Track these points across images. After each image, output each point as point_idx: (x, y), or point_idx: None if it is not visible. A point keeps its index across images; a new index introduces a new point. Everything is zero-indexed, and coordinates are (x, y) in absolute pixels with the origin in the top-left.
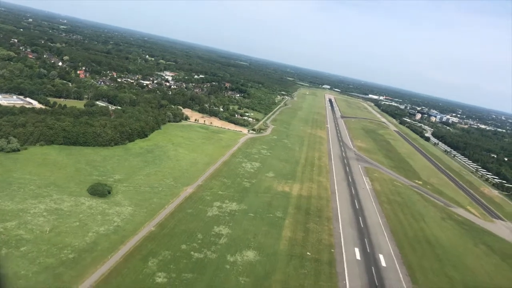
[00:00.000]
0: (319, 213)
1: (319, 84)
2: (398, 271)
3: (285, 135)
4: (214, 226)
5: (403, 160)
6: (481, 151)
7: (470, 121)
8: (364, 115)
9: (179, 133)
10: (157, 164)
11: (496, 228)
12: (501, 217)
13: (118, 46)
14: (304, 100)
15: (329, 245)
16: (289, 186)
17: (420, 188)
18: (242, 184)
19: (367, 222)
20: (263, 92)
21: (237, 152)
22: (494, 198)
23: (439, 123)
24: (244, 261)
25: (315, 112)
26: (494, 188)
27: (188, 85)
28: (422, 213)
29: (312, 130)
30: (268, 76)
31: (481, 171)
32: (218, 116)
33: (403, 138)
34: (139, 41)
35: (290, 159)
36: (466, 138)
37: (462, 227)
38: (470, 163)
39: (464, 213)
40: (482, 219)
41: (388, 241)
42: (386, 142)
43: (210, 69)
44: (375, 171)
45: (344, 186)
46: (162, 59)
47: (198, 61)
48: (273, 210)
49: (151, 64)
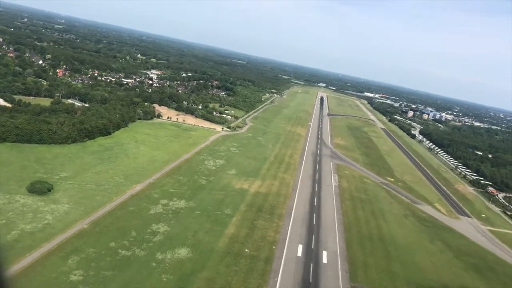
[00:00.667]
0: (272, 210)
1: (315, 82)
2: (338, 268)
3: (261, 133)
4: (152, 224)
5: (380, 157)
6: (465, 148)
7: (465, 119)
8: (353, 113)
9: (147, 130)
10: (112, 162)
11: (460, 225)
12: (468, 214)
13: (110, 45)
14: (294, 98)
15: (272, 242)
16: (248, 183)
17: (390, 185)
18: (198, 181)
19: (320, 219)
20: (251, 90)
21: (204, 150)
22: (467, 195)
23: (431, 120)
24: (174, 258)
25: (301, 110)
26: (470, 185)
27: (172, 83)
28: (384, 210)
29: (293, 128)
30: (263, 75)
31: (461, 168)
32: (194, 114)
33: (388, 135)
34: (136, 40)
35: (259, 156)
36: (453, 136)
37: (424, 224)
38: (452, 160)
39: (430, 210)
40: (448, 216)
41: (338, 238)
42: (368, 139)
43: (201, 68)
44: (347, 168)
45: (308, 183)
46: (154, 57)
47: (191, 60)
48: (223, 208)
49: (137, 63)
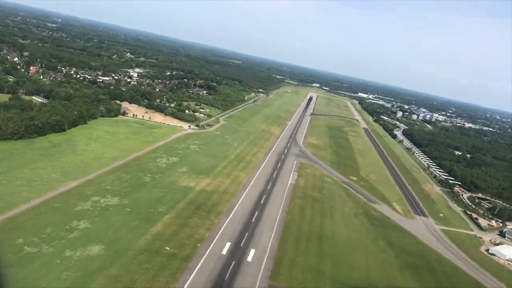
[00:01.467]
0: (211, 208)
1: (309, 82)
2: (261, 267)
3: (231, 131)
4: (73, 221)
5: (351, 157)
6: (445, 148)
7: (457, 120)
8: (339, 113)
9: (106, 128)
10: (54, 158)
11: (412, 224)
12: (426, 213)
13: (101, 43)
14: (281, 98)
15: (199, 240)
16: (197, 181)
17: (351, 184)
18: (142, 179)
19: (261, 217)
20: (236, 89)
21: (161, 147)
22: (431, 195)
23: (420, 121)
24: (83, 256)
25: (284, 109)
26: (439, 184)
27: (152, 82)
28: (334, 209)
29: (267, 127)
30: (255, 74)
31: (434, 168)
32: (164, 112)
33: (368, 135)
34: (130, 39)
35: (219, 154)
36: (435, 136)
37: (373, 223)
38: (427, 160)
39: (386, 209)
40: (403, 216)
41: (272, 236)
42: (344, 139)
43: (190, 67)
44: (311, 167)
45: (262, 181)
46: (143, 56)
47: (182, 59)
48: (158, 206)
49: (121, 61)
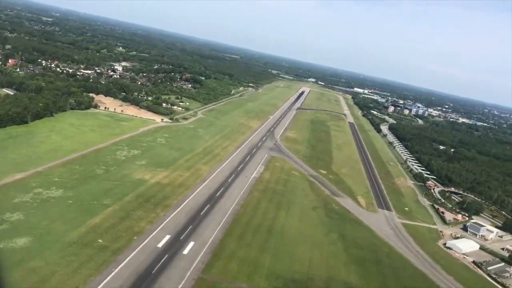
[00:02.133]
0: (160, 201)
1: (305, 77)
2: (195, 260)
3: (206, 125)
4: (6, 213)
5: (327, 151)
6: (429, 143)
7: (452, 115)
8: (328, 107)
9: (73, 120)
10: (9, 150)
11: (372, 217)
12: (390, 207)
13: (94, 37)
14: (270, 92)
15: (137, 233)
16: (153, 174)
17: (319, 178)
18: (94, 171)
19: (212, 210)
20: (224, 83)
21: (125, 140)
22: (401, 189)
23: (412, 115)
24: (6, 248)
25: (270, 103)
26: (413, 178)
27: (136, 75)
28: (294, 202)
29: (247, 121)
30: (250, 69)
31: (412, 161)
32: (139, 105)
33: (352, 129)
34: (126, 34)
35: (186, 147)
36: (421, 131)
37: (330, 216)
38: (407, 154)
39: (348, 203)
40: (365, 209)
41: (218, 229)
42: (326, 133)
43: (182, 61)
44: (281, 160)
45: (225, 174)
46: (135, 50)
47: (176, 54)
48: (104, 198)
49: (107, 55)
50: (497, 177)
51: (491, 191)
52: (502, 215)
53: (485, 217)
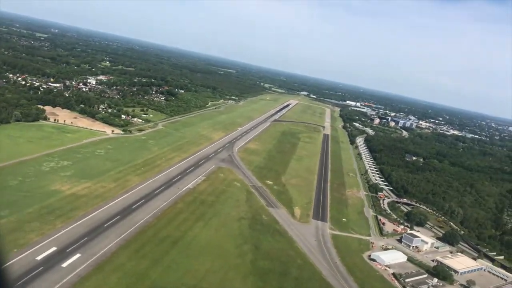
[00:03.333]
0: (66, 213)
1: (298, 90)
2: (72, 273)
3: (161, 136)
4: None
5: (284, 162)
6: (402, 154)
7: (444, 127)
8: (308, 119)
9: (12, 132)
10: None
11: (300, 228)
12: (326, 218)
13: (82, 52)
14: (252, 104)
15: (20, 245)
16: (73, 185)
17: (261, 189)
18: (7, 182)
19: (120, 222)
20: (201, 96)
21: (60, 152)
22: (349, 200)
23: (400, 128)
24: None
25: (245, 116)
26: (367, 190)
27: (110, 88)
28: (219, 214)
29: (210, 133)
30: (240, 83)
31: (375, 173)
32: (95, 116)
33: (324, 141)
34: (121, 49)
35: (125, 159)
36: (396, 142)
37: (253, 228)
38: (373, 165)
39: (281, 214)
40: (296, 220)
41: (115, 242)
42: (292, 144)
43: (166, 75)
44: (228, 171)
45: (154, 186)
46: (122, 65)
47: (164, 68)
48: (1, 209)
49: (84, 69)
50: (459, 188)
51: (445, 202)
52: (449, 226)
53: (429, 228)
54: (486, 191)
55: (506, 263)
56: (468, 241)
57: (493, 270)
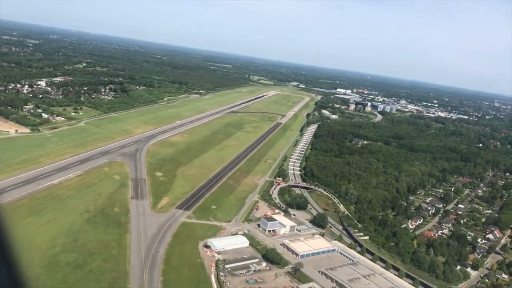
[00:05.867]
0: None
1: (289, 81)
2: None
3: (71, 134)
4: None
5: (196, 153)
6: (350, 137)
7: (432, 110)
8: (273, 109)
9: None
10: None
11: (150, 219)
12: (191, 207)
13: (61, 56)
14: (219, 97)
15: None
16: None
17: (142, 180)
18: None
19: None
20: (159, 91)
21: None
22: (240, 186)
23: (378, 112)
24: None
25: (198, 109)
26: (271, 176)
27: (59, 89)
28: (60, 208)
29: (135, 127)
30: (224, 77)
31: (295, 159)
32: (9, 117)
33: (270, 130)
34: (112, 50)
35: (5, 157)
36: (348, 127)
37: (90, 220)
38: (302, 151)
39: (142, 204)
40: (154, 211)
41: None
42: (227, 135)
43: (141, 73)
44: (116, 165)
45: (16, 181)
46: (98, 66)
47: (143, 66)
48: None
49: (39, 72)
50: (377, 169)
51: (343, 184)
52: (334, 208)
53: (309, 211)
54: (410, 171)
55: (369, 242)
56: (344, 222)
57: (344, 252)
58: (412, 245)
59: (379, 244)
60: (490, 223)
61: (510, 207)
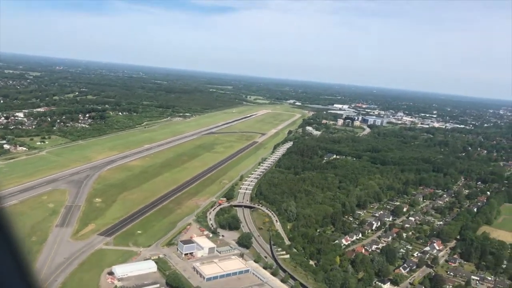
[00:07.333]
0: None
1: (286, 99)
2: None
3: (25, 163)
4: None
5: (149, 177)
6: (323, 153)
7: (429, 121)
8: (255, 128)
9: None
10: None
11: (64, 246)
12: (117, 233)
13: (55, 86)
14: (202, 119)
15: None
16: None
17: (76, 208)
18: None
19: None
20: (134, 117)
21: None
22: (179, 209)
23: (368, 125)
24: None
25: (176, 132)
26: (218, 197)
27: (35, 119)
28: None
29: (98, 154)
30: (218, 98)
31: (252, 178)
32: None
33: (243, 149)
34: (108, 78)
35: None
36: (320, 143)
37: None
38: (261, 171)
39: (62, 232)
40: (74, 238)
41: None
42: (192, 157)
43: (130, 98)
44: (58, 192)
45: None
46: (90, 94)
47: (136, 92)
48: None
49: (27, 103)
50: (334, 185)
51: (284, 202)
52: (270, 227)
53: (243, 232)
54: (367, 185)
55: (289, 261)
56: (271, 241)
57: (256, 272)
58: (335, 262)
59: (297, 263)
60: (434, 235)
61: (460, 217)
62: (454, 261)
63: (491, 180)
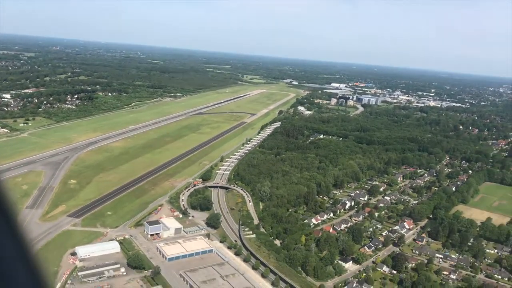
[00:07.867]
0: None
1: (283, 78)
2: None
3: (6, 145)
4: None
5: (129, 158)
6: (300, 134)
7: (425, 99)
8: (246, 108)
9: None
10: None
11: (31, 228)
12: (87, 213)
13: (48, 67)
14: (192, 99)
15: None
16: None
17: (49, 189)
18: None
19: None
20: (123, 98)
21: None
22: (153, 190)
23: (362, 105)
24: None
25: (163, 112)
26: (195, 178)
27: (23, 100)
28: None
29: (81, 135)
30: (213, 78)
31: (233, 159)
32: None
33: (228, 130)
34: (104, 59)
35: None
36: (308, 123)
37: None
38: (244, 150)
39: (31, 213)
40: (42, 220)
41: None
42: (176, 138)
43: (122, 79)
44: (33, 174)
45: None
46: (82, 75)
47: (129, 72)
48: None
49: (16, 84)
50: (314, 165)
51: (258, 183)
52: (242, 208)
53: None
54: (347, 165)
55: (254, 241)
56: (240, 221)
57: (219, 252)
58: (300, 241)
59: (261, 242)
60: (407, 214)
61: (435, 197)
62: (422, 239)
63: (475, 159)
